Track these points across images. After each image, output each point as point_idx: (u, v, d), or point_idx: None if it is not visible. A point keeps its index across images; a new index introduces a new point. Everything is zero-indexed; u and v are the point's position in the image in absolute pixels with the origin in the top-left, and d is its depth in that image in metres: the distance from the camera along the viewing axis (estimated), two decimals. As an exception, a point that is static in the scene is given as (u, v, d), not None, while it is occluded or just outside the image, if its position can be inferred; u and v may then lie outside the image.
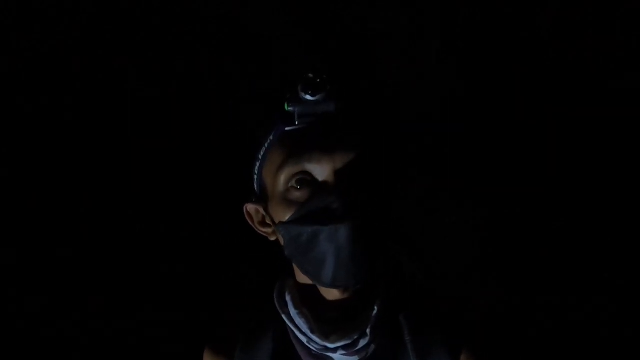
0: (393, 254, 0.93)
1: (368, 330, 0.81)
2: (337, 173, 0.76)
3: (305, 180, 0.77)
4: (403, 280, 0.90)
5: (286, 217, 0.79)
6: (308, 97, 0.78)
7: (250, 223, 0.88)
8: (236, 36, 1.63)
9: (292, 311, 0.84)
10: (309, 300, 0.85)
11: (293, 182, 0.78)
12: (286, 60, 1.64)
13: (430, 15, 1.65)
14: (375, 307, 0.82)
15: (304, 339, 0.82)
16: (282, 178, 0.78)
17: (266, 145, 0.82)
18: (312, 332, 0.81)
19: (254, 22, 1.64)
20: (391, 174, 0.81)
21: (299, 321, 0.83)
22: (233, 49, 1.63)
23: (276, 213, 0.81)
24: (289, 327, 0.84)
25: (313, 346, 0.82)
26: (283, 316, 0.84)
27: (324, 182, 0.77)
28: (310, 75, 0.78)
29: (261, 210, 0.85)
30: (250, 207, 0.87)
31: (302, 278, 0.85)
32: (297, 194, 0.78)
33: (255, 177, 0.86)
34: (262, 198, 0.85)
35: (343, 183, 0.75)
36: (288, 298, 0.86)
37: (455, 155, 1.64)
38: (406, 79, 1.65)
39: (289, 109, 0.78)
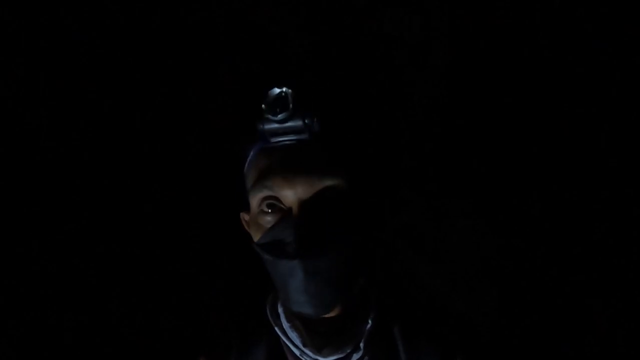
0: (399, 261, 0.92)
1: (361, 344, 0.80)
2: (300, 202, 0.74)
3: (274, 205, 0.76)
4: (397, 292, 0.88)
5: (257, 238, 0.78)
6: (271, 116, 0.75)
7: (247, 229, 0.86)
8: (245, 38, 1.62)
9: (285, 324, 0.83)
10: None
11: (263, 206, 0.77)
12: (295, 63, 1.63)
13: (439, 20, 1.63)
14: (370, 321, 0.81)
15: (296, 352, 0.81)
16: (255, 200, 0.77)
17: (247, 160, 0.82)
18: (305, 345, 0.80)
19: (263, 24, 1.64)
20: (368, 198, 0.79)
21: (292, 334, 0.82)
22: (241, 50, 1.63)
23: (252, 231, 0.80)
24: (282, 339, 0.83)
25: (305, 359, 0.81)
26: (275, 328, 0.83)
27: (289, 210, 0.75)
28: (274, 93, 0.76)
29: None
30: (244, 215, 0.86)
31: None
32: (267, 218, 0.77)
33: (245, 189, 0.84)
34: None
35: (304, 214, 0.73)
36: (280, 310, 0.84)
37: (463, 162, 1.63)
38: (412, 82, 1.64)
39: (260, 127, 0.77)
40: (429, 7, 1.63)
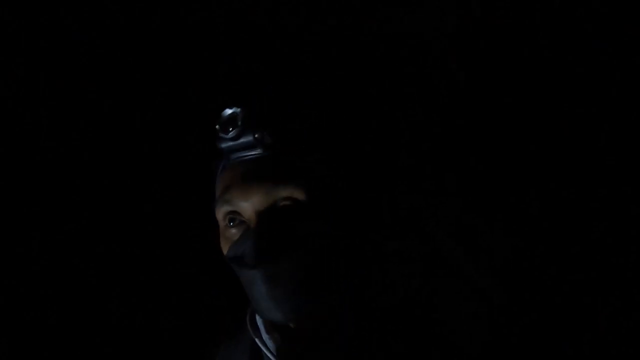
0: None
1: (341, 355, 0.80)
2: (257, 213, 0.75)
3: (236, 219, 0.78)
4: (376, 304, 0.88)
5: (225, 251, 0.81)
6: (223, 135, 0.78)
7: None
8: (245, 38, 1.62)
9: (264, 335, 0.84)
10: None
11: (226, 221, 0.79)
12: (295, 63, 1.63)
13: (439, 20, 1.63)
14: (347, 331, 0.81)
15: None
16: (219, 215, 0.80)
17: (216, 175, 0.85)
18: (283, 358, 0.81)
19: (263, 23, 1.63)
20: (340, 202, 0.80)
21: (271, 345, 0.82)
22: (241, 50, 1.62)
23: (222, 244, 0.82)
24: (263, 350, 0.83)
25: None
26: (256, 340, 0.84)
27: (248, 223, 0.77)
28: (226, 112, 0.78)
29: None
30: None
31: None
32: (232, 231, 0.79)
33: None
34: None
35: (261, 225, 0.75)
36: (260, 322, 0.86)
37: (463, 161, 1.63)
38: (412, 82, 1.64)
39: (218, 146, 0.79)
40: (429, 7, 1.63)
